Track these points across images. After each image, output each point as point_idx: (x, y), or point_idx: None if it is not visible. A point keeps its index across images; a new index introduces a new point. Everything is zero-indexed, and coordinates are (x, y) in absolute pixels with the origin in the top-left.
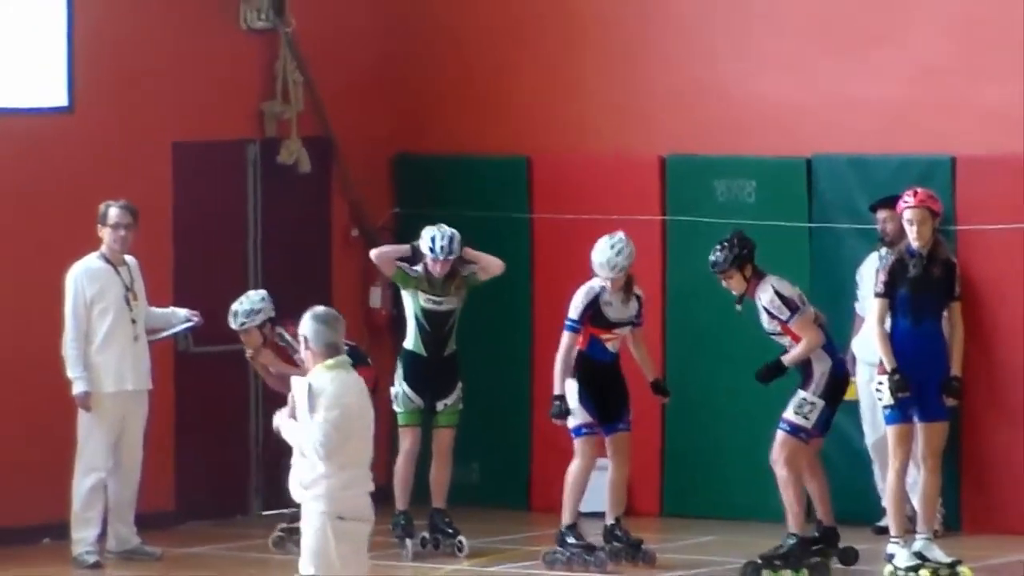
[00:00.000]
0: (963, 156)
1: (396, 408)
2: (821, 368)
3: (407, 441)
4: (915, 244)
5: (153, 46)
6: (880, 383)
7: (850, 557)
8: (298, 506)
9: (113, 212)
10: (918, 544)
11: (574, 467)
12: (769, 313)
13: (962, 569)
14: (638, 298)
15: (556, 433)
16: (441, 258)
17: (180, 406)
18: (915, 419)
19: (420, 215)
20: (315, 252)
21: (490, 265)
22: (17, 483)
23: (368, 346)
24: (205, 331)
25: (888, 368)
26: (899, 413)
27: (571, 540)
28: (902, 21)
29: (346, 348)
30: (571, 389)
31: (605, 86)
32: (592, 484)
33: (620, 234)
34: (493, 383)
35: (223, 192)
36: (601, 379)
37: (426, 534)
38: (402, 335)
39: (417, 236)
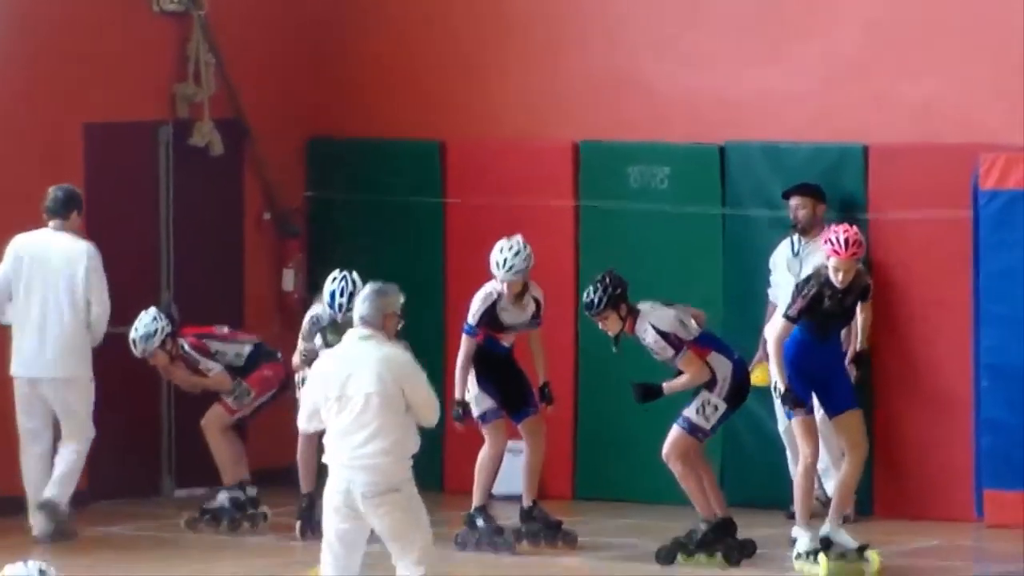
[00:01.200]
0: (875, 145)
1: None
2: (723, 372)
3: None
4: (838, 284)
5: (65, 25)
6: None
7: (748, 549)
8: (211, 487)
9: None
10: (825, 528)
11: (484, 451)
12: (654, 351)
13: (870, 553)
14: (536, 300)
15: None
16: (339, 315)
17: (96, 387)
18: (825, 415)
19: (333, 199)
20: (228, 234)
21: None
22: None
23: (280, 329)
24: (116, 312)
25: (781, 387)
26: (800, 404)
27: (480, 522)
28: (819, 15)
29: (250, 347)
30: (469, 381)
31: (520, 72)
32: (507, 467)
33: (518, 237)
34: None
35: (135, 174)
36: (498, 368)
37: None
38: None
39: (328, 220)
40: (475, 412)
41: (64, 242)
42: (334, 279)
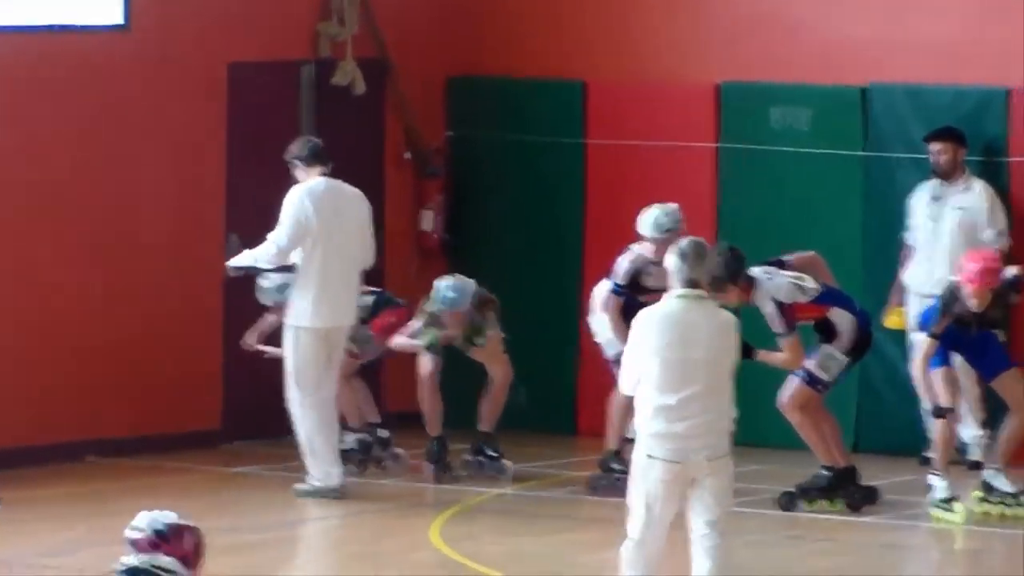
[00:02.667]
0: (1019, 88)
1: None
2: (845, 325)
3: (425, 368)
4: (973, 309)
5: None
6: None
7: (872, 496)
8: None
9: None
10: (986, 474)
11: (617, 395)
12: (768, 321)
13: None
14: None
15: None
16: (449, 309)
17: (229, 326)
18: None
19: (474, 138)
20: (368, 174)
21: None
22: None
23: (418, 269)
24: None
25: (928, 405)
26: (939, 359)
27: (616, 466)
28: None
29: (373, 297)
30: (605, 320)
31: (662, 12)
32: None
33: (674, 204)
34: (542, 308)
35: (277, 113)
36: (633, 313)
37: (469, 456)
38: (454, 259)
39: (468, 160)
40: (610, 353)
41: (351, 191)
42: (445, 280)
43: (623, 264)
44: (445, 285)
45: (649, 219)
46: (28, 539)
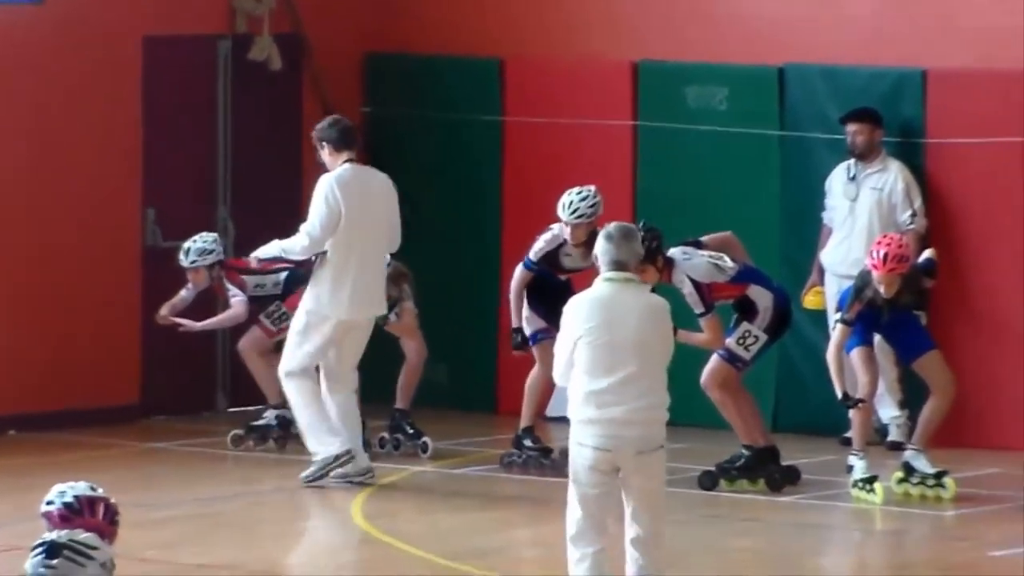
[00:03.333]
0: (934, 69)
1: None
2: (764, 303)
3: None
4: (883, 294)
5: None
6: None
7: (793, 476)
8: (263, 405)
9: None
10: (907, 454)
11: (534, 372)
12: (687, 301)
13: (947, 480)
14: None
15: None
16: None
17: (147, 301)
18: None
19: (391, 115)
20: (285, 150)
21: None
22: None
23: None
24: (172, 227)
25: (838, 393)
26: (858, 339)
27: (528, 443)
28: None
29: (287, 269)
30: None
31: None
32: (559, 388)
33: (591, 187)
34: (461, 285)
35: (193, 88)
36: (552, 293)
37: (385, 434)
38: None
39: (386, 137)
40: (527, 331)
41: (379, 177)
42: None
43: (539, 242)
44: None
45: (564, 203)
46: None
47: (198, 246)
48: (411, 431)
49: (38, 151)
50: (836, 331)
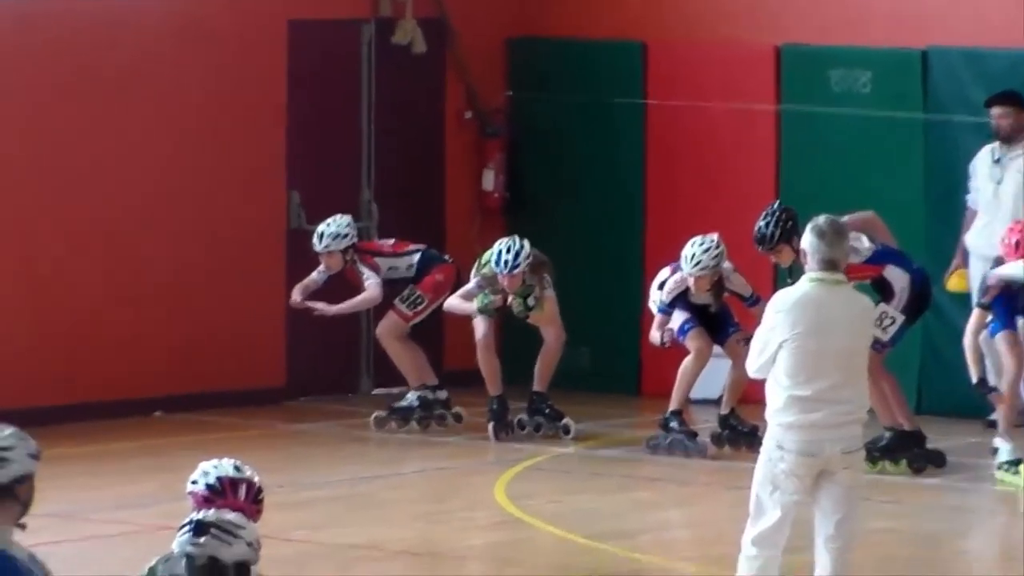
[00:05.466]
0: None
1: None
2: (900, 284)
3: (480, 329)
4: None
5: None
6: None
7: (938, 459)
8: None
9: None
10: None
11: (688, 360)
12: None
13: None
14: (738, 294)
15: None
16: (506, 273)
17: (291, 283)
18: None
19: (534, 99)
20: (429, 134)
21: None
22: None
23: (480, 229)
24: (317, 210)
25: (974, 378)
26: (1001, 323)
27: (674, 425)
28: None
29: (418, 254)
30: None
31: None
32: (708, 370)
33: (713, 235)
34: (604, 268)
35: (337, 71)
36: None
37: (524, 416)
38: (515, 218)
39: (528, 120)
40: (674, 325)
41: None
42: (502, 242)
43: (669, 283)
44: (501, 248)
45: (687, 255)
46: (99, 493)
47: (332, 230)
48: (549, 412)
49: (185, 136)
50: (973, 315)
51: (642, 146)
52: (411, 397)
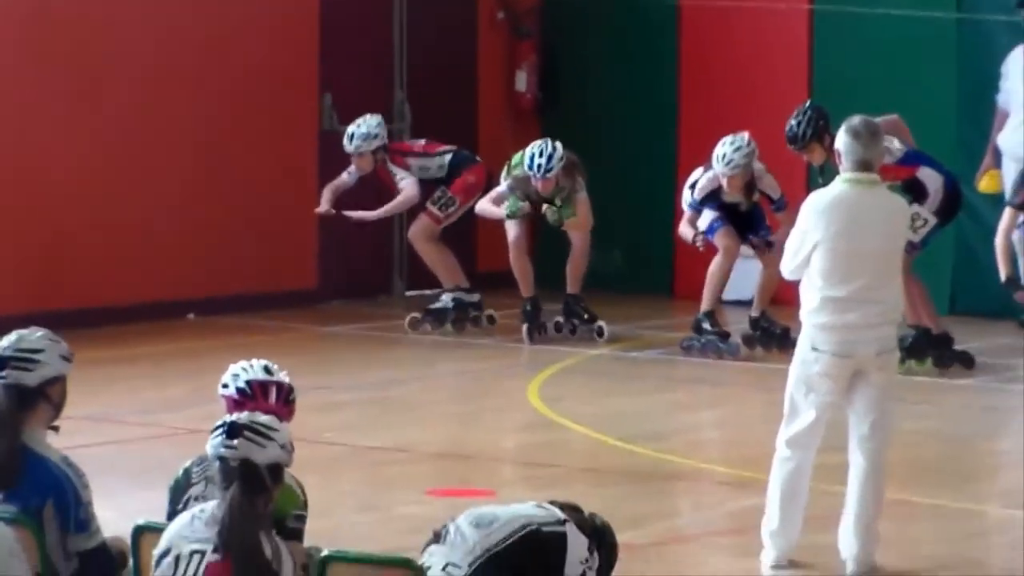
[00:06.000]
0: None
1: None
2: (934, 185)
3: (512, 232)
4: None
5: None
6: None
7: (966, 360)
8: (439, 288)
9: None
10: None
11: (718, 259)
12: None
13: None
14: (768, 195)
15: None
16: (540, 176)
17: (323, 185)
18: None
19: (566, 0)
20: (461, 34)
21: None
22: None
23: (513, 129)
24: (349, 111)
25: (1003, 276)
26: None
27: (707, 327)
28: None
29: (449, 155)
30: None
31: None
32: (739, 272)
33: (744, 133)
34: (638, 170)
35: None
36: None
37: (560, 319)
38: (548, 119)
39: (560, 21)
40: (701, 225)
41: None
42: (535, 145)
43: (701, 180)
44: (535, 151)
45: (719, 155)
46: (132, 396)
47: (362, 131)
48: (586, 316)
49: (212, 38)
50: (1005, 215)
51: (675, 46)
52: (446, 299)
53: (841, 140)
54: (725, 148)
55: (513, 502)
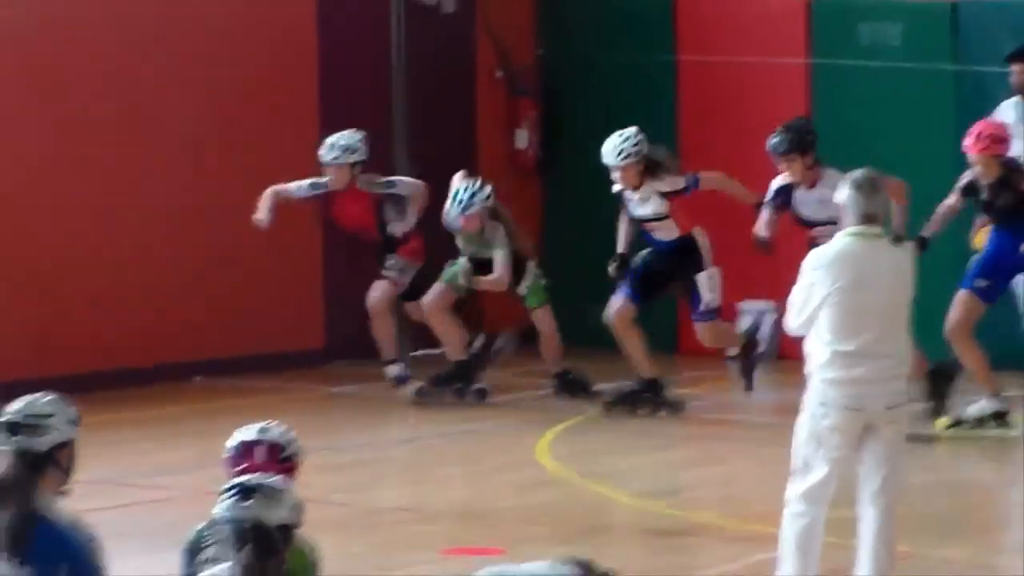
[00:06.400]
0: None
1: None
2: None
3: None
4: (982, 180)
5: None
6: None
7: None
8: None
9: None
10: None
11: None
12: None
13: None
14: (661, 195)
15: None
16: (460, 211)
17: (328, 244)
18: None
19: (565, 56)
20: (459, 92)
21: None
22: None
23: (512, 188)
24: None
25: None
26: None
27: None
28: None
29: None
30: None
31: None
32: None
33: (633, 128)
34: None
35: (367, 31)
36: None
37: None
38: (549, 177)
39: (560, 78)
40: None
41: None
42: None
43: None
44: (459, 188)
45: (607, 149)
46: (142, 459)
47: (343, 143)
48: (577, 386)
49: (209, 100)
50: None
51: (674, 102)
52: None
53: (844, 194)
54: (614, 141)
55: (526, 560)
